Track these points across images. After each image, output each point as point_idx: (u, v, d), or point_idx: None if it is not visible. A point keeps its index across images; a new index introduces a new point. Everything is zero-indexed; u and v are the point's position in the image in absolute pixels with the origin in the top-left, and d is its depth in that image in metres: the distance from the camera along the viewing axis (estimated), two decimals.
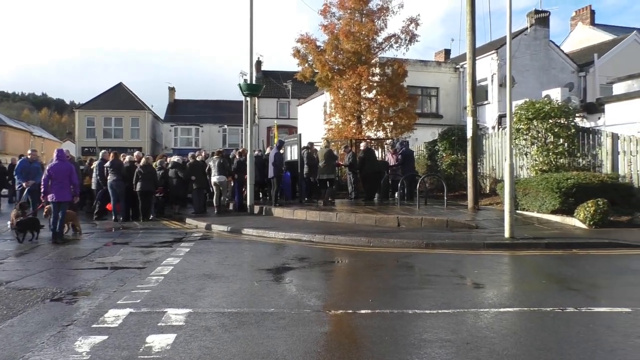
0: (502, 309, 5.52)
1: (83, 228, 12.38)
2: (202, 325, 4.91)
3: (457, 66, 27.12)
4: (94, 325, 4.93)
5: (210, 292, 6.28)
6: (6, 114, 60.96)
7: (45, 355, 4.17)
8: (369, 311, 5.40)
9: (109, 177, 14.54)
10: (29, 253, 9.61)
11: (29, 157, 15.30)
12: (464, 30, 14.70)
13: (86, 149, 42.17)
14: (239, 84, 16.51)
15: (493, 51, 24.51)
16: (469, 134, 14.07)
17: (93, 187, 15.69)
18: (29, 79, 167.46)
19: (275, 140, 22.41)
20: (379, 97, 19.46)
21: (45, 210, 11.37)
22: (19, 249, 10.09)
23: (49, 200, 10.86)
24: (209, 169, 15.88)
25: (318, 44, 20.30)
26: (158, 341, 4.46)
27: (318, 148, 17.37)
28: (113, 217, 14.74)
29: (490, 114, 24.82)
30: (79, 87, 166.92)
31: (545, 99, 15.45)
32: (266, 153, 17.91)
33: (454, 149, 17.95)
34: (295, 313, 5.33)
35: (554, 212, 12.32)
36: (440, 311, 5.41)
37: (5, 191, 23.14)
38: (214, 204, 15.94)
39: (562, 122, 14.43)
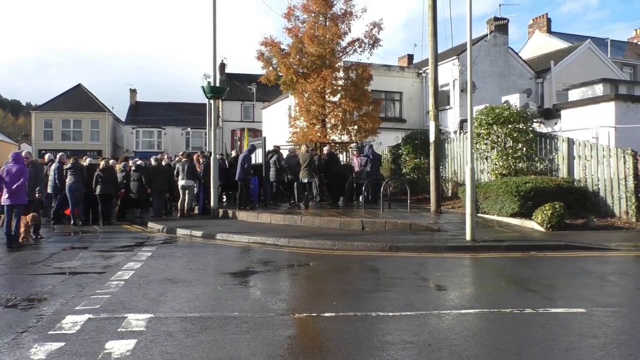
0: (463, 311, 5.62)
1: (41, 232, 12.01)
2: (164, 330, 4.84)
3: (420, 71, 27.53)
4: (51, 332, 4.81)
5: (172, 297, 6.18)
6: None
7: None
8: (333, 314, 5.42)
9: (67, 180, 14.18)
10: None
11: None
12: (426, 36, 14.96)
13: (43, 152, 40.96)
14: (202, 87, 16.38)
15: (454, 57, 24.98)
16: (432, 138, 14.28)
17: (49, 190, 15.18)
18: None
19: (246, 144, 22.31)
20: (343, 100, 19.55)
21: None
22: None
23: (2, 203, 10.55)
24: (177, 172, 15.65)
25: (282, 47, 20.27)
26: (118, 347, 4.38)
27: (285, 152, 17.37)
28: (72, 222, 14.36)
29: (452, 118, 25.27)
30: (35, 88, 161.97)
31: (505, 104, 15.85)
32: (232, 157, 17.78)
33: (417, 153, 18.22)
34: (259, 317, 5.30)
35: (513, 215, 12.63)
36: (403, 313, 5.47)
37: None
38: (178, 207, 15.73)
39: (521, 127, 14.81)
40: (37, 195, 12.85)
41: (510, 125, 14.78)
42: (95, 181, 14.21)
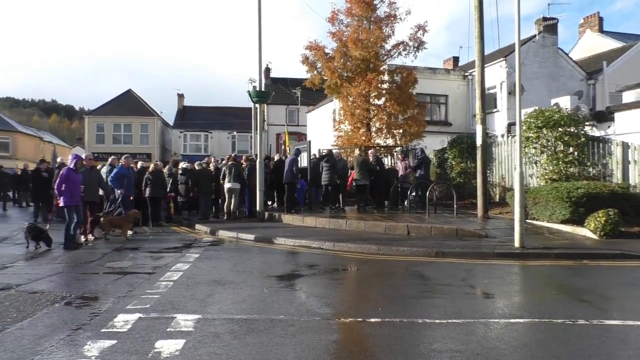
0: (512, 320, 5.48)
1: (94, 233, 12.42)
2: (211, 332, 4.92)
3: (466, 74, 27.10)
4: (103, 330, 4.95)
5: (219, 299, 6.29)
6: (17, 120, 61.41)
7: (54, 358, 4.19)
8: (379, 320, 5.38)
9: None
10: (39, 257, 9.69)
11: (122, 163, 14.24)
12: (472, 38, 14.72)
13: (96, 155, 42.38)
14: (248, 91, 16.60)
15: (502, 58, 24.48)
16: (479, 142, 14.04)
17: (101, 192, 15.67)
18: (39, 86, 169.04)
19: (287, 146, 22.51)
20: (388, 104, 19.46)
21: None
22: (29, 253, 10.16)
23: (61, 204, 11.01)
24: (224, 175, 15.91)
25: (327, 51, 20.36)
26: (167, 346, 4.47)
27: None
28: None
29: (499, 121, 24.75)
30: (87, 93, 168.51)
31: (555, 107, 15.40)
32: (275, 160, 17.97)
33: (464, 157, 17.92)
34: (305, 320, 5.32)
35: (564, 221, 12.24)
36: (450, 321, 5.38)
37: None
38: (225, 210, 15.98)
39: (572, 130, 14.36)
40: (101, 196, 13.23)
41: (560, 129, 14.35)
42: (144, 184, 14.60)
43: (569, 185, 12.46)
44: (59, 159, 18.24)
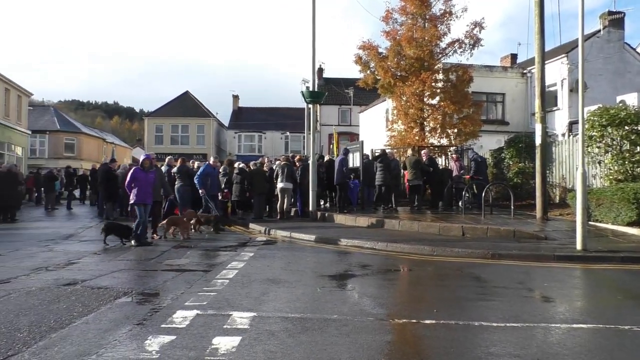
0: (574, 325, 5.27)
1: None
2: (266, 329, 4.98)
3: (525, 71, 26.30)
4: (163, 325, 5.08)
5: (274, 297, 6.36)
6: (81, 121, 64.34)
7: (117, 352, 4.33)
8: (434, 321, 5.30)
9: (176, 183, 15.03)
10: (102, 254, 10.10)
11: (211, 162, 15.09)
12: (531, 34, 14.30)
13: (154, 155, 43.83)
14: (302, 92, 16.73)
15: (563, 55, 23.61)
16: (538, 141, 13.58)
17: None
18: (102, 89, 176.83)
19: (335, 148, 22.53)
20: (442, 103, 19.15)
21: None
22: (93, 249, 10.61)
23: (131, 202, 11.55)
24: (276, 175, 16.09)
25: (380, 50, 20.24)
26: (224, 343, 4.54)
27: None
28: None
29: (560, 120, 23.89)
30: (147, 95, 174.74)
31: (621, 104, 14.72)
32: (325, 160, 18.02)
33: (521, 157, 17.40)
34: (359, 320, 5.30)
35: (630, 224, 11.67)
36: (508, 325, 5.23)
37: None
38: (278, 210, 16.16)
39: None
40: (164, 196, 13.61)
41: (627, 127, 13.68)
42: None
43: (636, 186, 11.87)
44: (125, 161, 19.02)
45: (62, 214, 21.28)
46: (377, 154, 17.40)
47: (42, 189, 25.62)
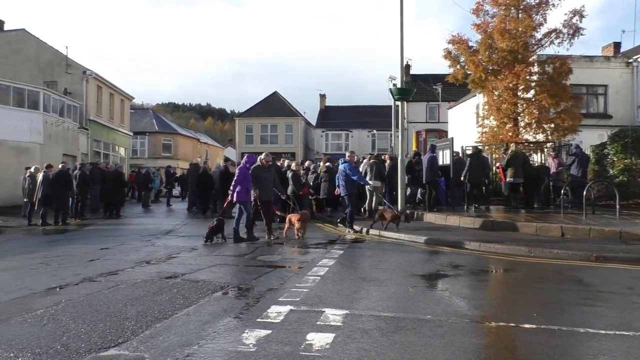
0: None
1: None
2: (359, 327, 4.97)
3: (630, 60, 24.44)
4: (259, 320, 5.22)
5: (365, 295, 6.35)
6: (177, 123, 67.80)
7: (217, 344, 4.50)
8: (534, 326, 5.05)
9: None
10: (199, 249, 10.57)
11: (347, 158, 14.16)
12: (638, 20, 13.24)
13: (243, 154, 45.25)
14: (390, 89, 16.59)
15: None
16: None
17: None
18: (194, 91, 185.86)
19: (414, 147, 22.18)
20: (538, 97, 18.27)
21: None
22: (191, 244, 11.14)
23: (234, 200, 11.69)
24: (365, 173, 16.08)
25: (470, 44, 19.65)
26: (318, 339, 4.59)
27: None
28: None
29: None
30: (233, 96, 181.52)
31: None
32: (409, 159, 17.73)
33: (627, 153, 16.22)
34: (453, 322, 5.17)
35: None
36: (617, 332, 4.88)
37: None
38: (366, 208, 16.14)
39: None
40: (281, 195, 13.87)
41: None
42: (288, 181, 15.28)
43: None
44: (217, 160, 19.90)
45: (162, 211, 22.53)
46: (468, 151, 16.89)
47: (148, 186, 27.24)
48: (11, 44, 31.57)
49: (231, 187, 11.69)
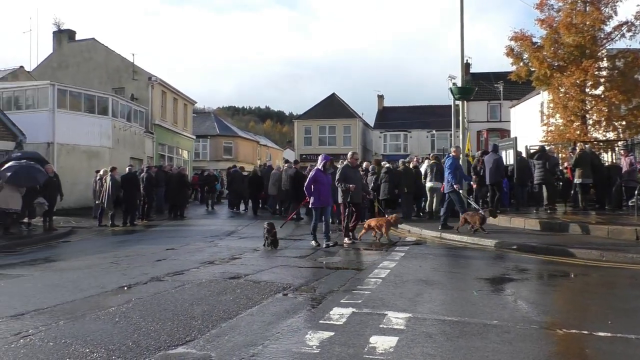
0: None
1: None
2: (423, 331, 4.90)
3: None
4: (321, 321, 5.23)
5: (428, 298, 6.25)
6: (237, 126, 69.17)
7: (281, 344, 4.54)
8: (609, 334, 4.81)
9: None
10: (261, 250, 10.73)
11: (452, 153, 13.62)
12: None
13: (304, 156, 45.57)
14: (450, 88, 16.32)
15: None
16: None
17: None
18: (252, 95, 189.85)
19: (467, 149, 21.62)
20: (608, 93, 17.47)
21: None
22: (252, 246, 11.33)
23: (312, 206, 11.06)
24: (425, 174, 15.87)
25: (534, 40, 19.09)
26: (381, 342, 4.55)
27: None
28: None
29: None
30: (294, 99, 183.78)
31: None
32: (477, 159, 17.32)
33: None
34: (521, 328, 5.00)
35: None
36: None
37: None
38: (427, 209, 15.91)
39: None
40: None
41: None
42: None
43: None
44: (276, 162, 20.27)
45: (223, 212, 23.04)
46: (532, 151, 16.32)
47: (205, 188, 27.98)
48: (82, 52, 33.27)
49: (305, 190, 11.12)
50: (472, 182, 13.87)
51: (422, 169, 16.40)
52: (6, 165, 14.30)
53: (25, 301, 6.29)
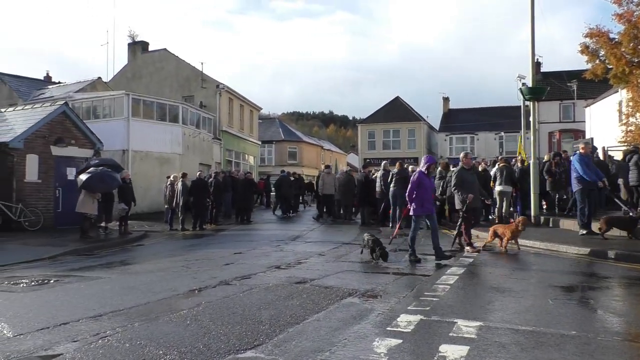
0: None
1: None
2: (495, 341, 4.71)
3: None
4: (389, 328, 5.14)
5: (499, 306, 6.02)
6: (301, 131, 69.87)
7: (348, 351, 4.49)
8: None
9: (392, 186, 15.36)
10: (326, 255, 10.73)
11: (581, 150, 12.43)
12: None
13: (367, 160, 45.38)
14: (520, 89, 15.75)
15: None
16: None
17: (377, 196, 16.78)
18: (315, 100, 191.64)
19: (519, 152, 20.70)
20: None
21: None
22: (318, 250, 11.36)
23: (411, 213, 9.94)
24: (494, 177, 15.39)
25: (611, 36, 18.02)
26: (451, 351, 4.40)
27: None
28: (390, 224, 15.47)
29: None
30: (356, 103, 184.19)
31: None
32: (544, 161, 16.57)
33: None
34: (603, 339, 4.71)
35: None
36: None
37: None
38: (495, 214, 15.41)
39: None
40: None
41: None
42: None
43: None
44: (340, 167, 20.34)
45: (288, 217, 23.26)
46: (610, 153, 15.45)
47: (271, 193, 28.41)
48: (155, 63, 34.74)
49: (407, 196, 10.04)
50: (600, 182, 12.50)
51: (492, 173, 15.90)
52: (84, 173, 15.09)
53: (102, 303, 6.57)
